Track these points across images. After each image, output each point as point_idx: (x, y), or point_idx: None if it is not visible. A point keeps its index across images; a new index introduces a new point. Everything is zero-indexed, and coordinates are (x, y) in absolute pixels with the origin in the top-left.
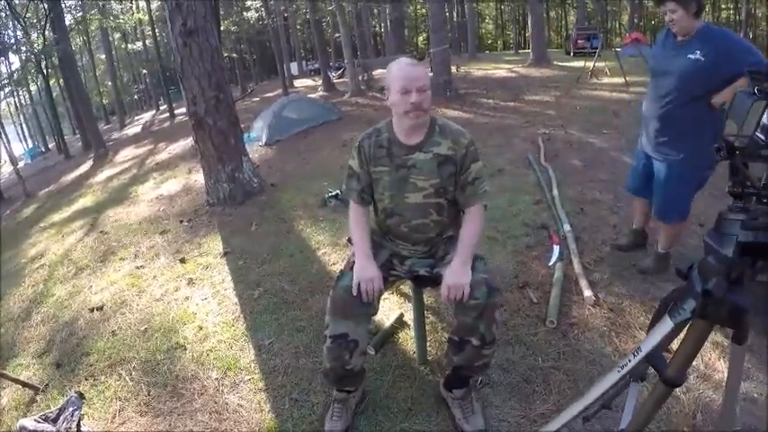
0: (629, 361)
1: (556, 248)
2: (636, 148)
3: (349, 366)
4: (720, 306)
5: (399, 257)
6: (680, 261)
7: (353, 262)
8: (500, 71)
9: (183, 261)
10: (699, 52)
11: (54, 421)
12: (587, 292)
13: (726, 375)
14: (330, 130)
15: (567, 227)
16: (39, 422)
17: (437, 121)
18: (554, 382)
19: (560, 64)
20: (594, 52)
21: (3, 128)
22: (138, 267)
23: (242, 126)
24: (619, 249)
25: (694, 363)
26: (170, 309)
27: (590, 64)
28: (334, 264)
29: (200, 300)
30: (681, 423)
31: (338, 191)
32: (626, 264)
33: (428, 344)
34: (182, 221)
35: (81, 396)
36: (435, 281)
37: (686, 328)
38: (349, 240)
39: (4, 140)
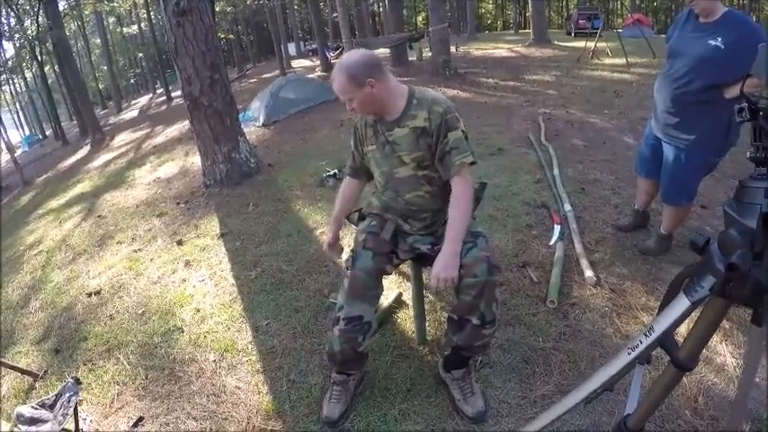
0: (641, 343)
1: (557, 228)
2: (645, 129)
3: (360, 348)
4: (743, 282)
5: (402, 233)
6: (681, 242)
7: (363, 240)
8: (500, 51)
9: (180, 243)
10: (720, 39)
11: (51, 407)
12: (588, 273)
13: (728, 359)
14: (328, 110)
15: (567, 206)
16: (36, 409)
17: (414, 93)
18: (555, 363)
19: (561, 44)
20: (596, 33)
21: None
22: (135, 251)
23: (238, 106)
24: (620, 230)
25: None
26: (167, 291)
27: (591, 44)
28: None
29: (197, 282)
30: (682, 406)
31: (336, 170)
32: (627, 244)
33: (427, 323)
34: (179, 204)
35: (77, 382)
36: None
37: (702, 308)
38: (347, 218)
39: (1, 129)
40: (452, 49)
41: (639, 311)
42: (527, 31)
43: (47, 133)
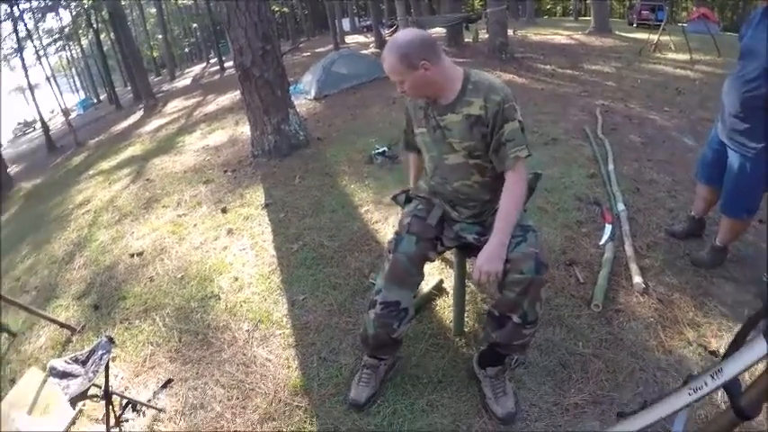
0: (705, 385)
1: (608, 227)
2: (710, 133)
3: (395, 335)
4: None
5: (449, 220)
6: (736, 257)
7: (407, 224)
8: (558, 37)
9: (224, 211)
10: None
11: (83, 363)
12: (637, 279)
13: None
14: (380, 87)
15: (621, 206)
16: (68, 363)
17: (470, 77)
18: (592, 371)
19: (622, 34)
20: (659, 25)
21: (56, 80)
22: (179, 215)
23: (290, 79)
24: (673, 236)
25: None
26: (207, 257)
27: (654, 37)
28: (376, 222)
29: (237, 250)
30: None
31: (385, 148)
32: (679, 252)
33: (466, 315)
34: (225, 172)
35: (111, 340)
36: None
37: None
38: (393, 199)
39: (58, 92)
40: (510, 32)
41: (685, 327)
42: (587, 18)
43: (101, 98)
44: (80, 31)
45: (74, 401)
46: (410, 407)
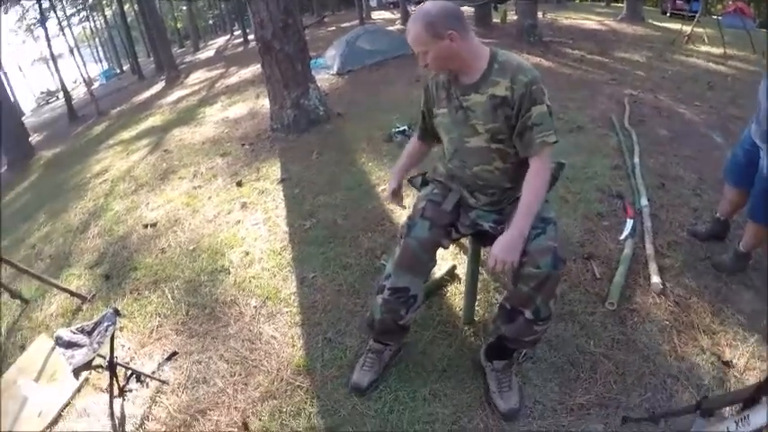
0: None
1: (629, 222)
2: (742, 133)
3: (402, 322)
4: None
5: (466, 206)
6: (759, 264)
7: (422, 208)
8: (589, 22)
9: (239, 184)
10: None
11: (89, 334)
12: (655, 279)
13: None
14: (404, 64)
15: (644, 201)
16: (74, 333)
17: (497, 56)
18: (601, 372)
19: (654, 23)
20: (693, 16)
21: (79, 51)
22: (195, 187)
23: (312, 53)
24: (695, 236)
25: None
26: (220, 231)
27: (687, 28)
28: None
29: (250, 225)
30: None
31: (406, 126)
32: (701, 254)
33: (477, 303)
34: (243, 145)
35: (117, 312)
36: None
37: None
38: (410, 181)
39: (80, 62)
40: (539, 15)
41: (700, 333)
42: (619, 5)
43: (124, 68)
44: (104, 2)
45: (77, 372)
46: (412, 394)
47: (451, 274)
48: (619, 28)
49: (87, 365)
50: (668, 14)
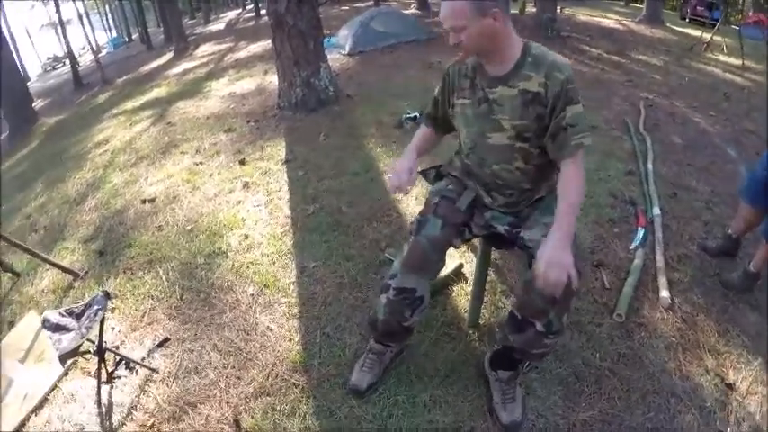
0: None
1: (640, 231)
2: (763, 153)
3: (406, 324)
4: None
5: (481, 205)
6: (766, 285)
7: (434, 204)
8: (607, 21)
9: (242, 163)
10: None
11: (78, 317)
12: (664, 293)
13: None
14: (417, 49)
15: (656, 210)
16: (63, 316)
17: (531, 49)
18: (606, 387)
19: (673, 27)
20: (713, 23)
21: (88, 17)
22: (196, 163)
23: (325, 32)
24: (705, 251)
25: None
26: (219, 211)
27: (707, 35)
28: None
29: (251, 206)
30: None
31: (417, 113)
32: (710, 271)
33: (483, 305)
34: (248, 122)
35: (107, 296)
36: (514, 243)
37: None
38: (422, 173)
39: (88, 29)
40: (557, 9)
41: (706, 353)
42: (638, 5)
43: (133, 37)
44: None
45: (63, 358)
46: (412, 400)
47: (458, 274)
48: (637, 29)
49: (74, 352)
50: (687, 20)
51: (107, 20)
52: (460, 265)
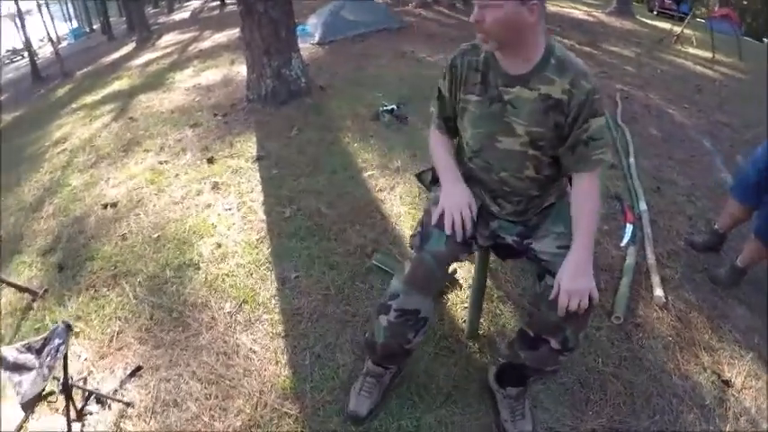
0: None
1: (629, 227)
2: (757, 150)
3: (408, 346)
4: None
5: (486, 214)
6: (752, 279)
7: (439, 216)
8: (577, 12)
9: (210, 161)
10: None
11: (38, 352)
12: (658, 291)
13: None
14: (389, 38)
15: (643, 205)
16: (21, 352)
17: (554, 51)
18: (611, 393)
19: (643, 20)
20: (682, 16)
21: (48, 7)
22: (161, 162)
23: (296, 20)
24: (692, 246)
25: None
26: (188, 216)
27: (677, 28)
28: (380, 190)
29: (222, 210)
30: None
31: (394, 106)
32: (699, 266)
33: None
34: (216, 116)
35: (68, 328)
36: (523, 254)
37: None
38: (418, 177)
39: (48, 20)
40: None
41: (701, 350)
42: None
43: (95, 27)
44: None
45: (26, 406)
46: (416, 423)
47: (452, 280)
48: (607, 21)
49: (38, 397)
50: (655, 12)
51: (67, 9)
52: (455, 271)
